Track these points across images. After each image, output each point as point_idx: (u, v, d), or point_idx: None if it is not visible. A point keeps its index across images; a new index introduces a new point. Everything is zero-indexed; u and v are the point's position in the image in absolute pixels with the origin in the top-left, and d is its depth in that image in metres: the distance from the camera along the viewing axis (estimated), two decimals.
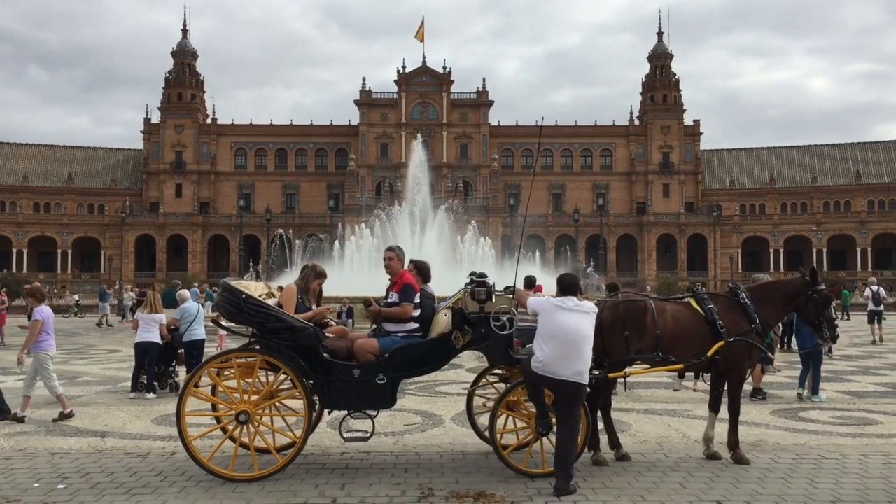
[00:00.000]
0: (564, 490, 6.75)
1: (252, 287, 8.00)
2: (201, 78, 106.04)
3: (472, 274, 7.95)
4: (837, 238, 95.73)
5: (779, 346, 18.75)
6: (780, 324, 20.74)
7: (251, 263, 70.66)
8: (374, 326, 8.32)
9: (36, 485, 7.10)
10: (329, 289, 9.21)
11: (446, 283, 10.46)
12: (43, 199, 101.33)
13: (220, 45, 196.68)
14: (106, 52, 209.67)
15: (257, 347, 7.76)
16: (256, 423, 7.47)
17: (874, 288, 25.25)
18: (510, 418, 7.99)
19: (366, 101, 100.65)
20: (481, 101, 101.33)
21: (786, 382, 14.71)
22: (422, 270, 8.54)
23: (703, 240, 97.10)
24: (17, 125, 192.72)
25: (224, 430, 7.74)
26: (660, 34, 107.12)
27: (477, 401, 8.97)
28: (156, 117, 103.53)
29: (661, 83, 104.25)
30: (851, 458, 8.25)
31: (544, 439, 7.39)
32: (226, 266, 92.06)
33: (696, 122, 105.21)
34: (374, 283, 9.37)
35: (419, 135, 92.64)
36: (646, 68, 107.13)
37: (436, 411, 11.30)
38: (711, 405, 8.50)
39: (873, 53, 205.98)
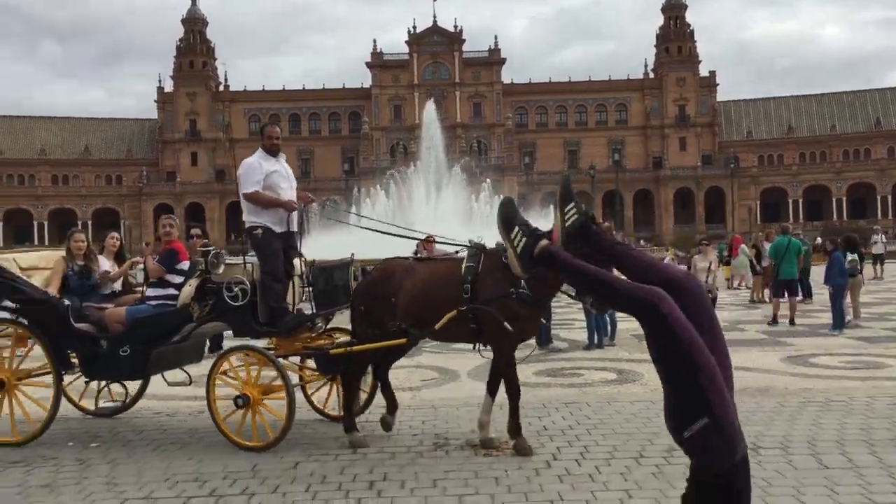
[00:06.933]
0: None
1: (21, 259, 8.02)
2: (212, 45, 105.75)
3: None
4: (857, 186, 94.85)
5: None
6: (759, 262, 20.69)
7: None
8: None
9: (70, 444, 7.48)
10: (341, 252, 9.14)
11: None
12: (61, 172, 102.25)
13: (227, 13, 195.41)
14: (116, 24, 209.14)
15: (12, 317, 7.79)
16: (14, 393, 7.55)
17: (878, 237, 33.49)
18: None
19: (377, 62, 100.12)
20: (494, 59, 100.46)
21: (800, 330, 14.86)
22: (205, 235, 8.69)
23: (720, 192, 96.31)
24: (33, 100, 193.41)
25: None
26: None
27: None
28: (168, 86, 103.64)
29: (675, 34, 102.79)
30: (858, 401, 8.40)
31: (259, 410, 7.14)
32: None
33: (712, 73, 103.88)
34: (390, 247, 9.31)
35: (432, 95, 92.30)
36: (655, 22, 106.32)
37: (452, 367, 11.56)
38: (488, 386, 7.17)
39: None
